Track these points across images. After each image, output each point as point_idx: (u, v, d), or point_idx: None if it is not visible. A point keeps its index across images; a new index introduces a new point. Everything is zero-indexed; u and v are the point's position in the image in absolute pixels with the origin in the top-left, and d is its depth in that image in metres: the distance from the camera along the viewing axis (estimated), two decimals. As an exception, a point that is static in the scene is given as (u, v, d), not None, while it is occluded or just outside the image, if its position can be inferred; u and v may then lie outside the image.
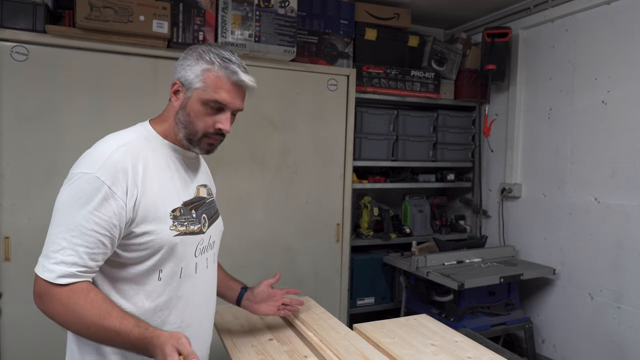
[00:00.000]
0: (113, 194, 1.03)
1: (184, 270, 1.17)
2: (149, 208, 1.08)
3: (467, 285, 2.46)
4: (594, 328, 2.62)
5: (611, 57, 2.55)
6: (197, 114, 1.14)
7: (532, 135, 3.04)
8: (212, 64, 1.13)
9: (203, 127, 1.15)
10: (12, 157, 2.09)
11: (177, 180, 1.19)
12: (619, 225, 2.50)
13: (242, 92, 1.17)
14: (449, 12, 3.27)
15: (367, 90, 2.94)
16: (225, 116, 1.15)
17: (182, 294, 1.17)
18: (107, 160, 1.05)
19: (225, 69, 1.13)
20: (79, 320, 1.00)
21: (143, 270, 1.10)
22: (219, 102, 1.13)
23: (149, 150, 1.14)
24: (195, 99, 1.13)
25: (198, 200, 1.23)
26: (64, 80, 2.16)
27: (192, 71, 1.14)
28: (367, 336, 1.51)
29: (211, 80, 1.13)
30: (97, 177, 1.02)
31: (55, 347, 2.07)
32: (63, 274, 1.00)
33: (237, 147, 2.51)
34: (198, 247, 1.20)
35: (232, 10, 2.38)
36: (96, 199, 1.02)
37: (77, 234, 1.00)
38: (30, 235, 2.11)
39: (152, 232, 1.09)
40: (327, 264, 2.78)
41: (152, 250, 1.10)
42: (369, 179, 3.10)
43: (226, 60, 1.13)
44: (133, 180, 1.07)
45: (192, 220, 1.18)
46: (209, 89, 1.13)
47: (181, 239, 1.14)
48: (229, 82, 1.13)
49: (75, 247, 1.00)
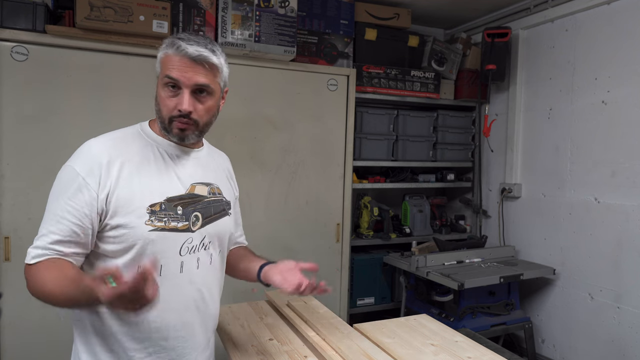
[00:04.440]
0: (87, 184, 1.09)
1: (164, 268, 1.14)
2: (122, 201, 1.10)
3: (467, 285, 2.46)
4: (594, 328, 2.62)
5: (611, 57, 2.55)
6: (161, 99, 1.15)
7: (532, 135, 3.04)
8: (165, 47, 1.14)
9: (166, 110, 1.15)
10: (12, 157, 2.09)
11: (165, 176, 1.18)
12: (619, 225, 2.50)
13: (199, 67, 1.12)
14: (449, 12, 3.27)
15: (367, 90, 2.94)
16: (183, 94, 1.12)
17: (162, 292, 1.08)
18: (86, 153, 1.12)
19: (171, 47, 1.12)
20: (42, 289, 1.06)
21: (123, 264, 1.11)
22: (169, 77, 1.12)
23: (136, 146, 1.17)
24: (158, 85, 1.17)
25: (189, 197, 1.20)
26: (64, 81, 2.16)
27: (157, 59, 1.17)
28: (367, 336, 1.51)
29: (163, 61, 1.15)
30: (73, 168, 1.11)
31: (55, 347, 2.08)
32: (36, 255, 1.09)
33: (237, 147, 2.51)
34: (184, 246, 1.17)
35: (232, 10, 2.38)
36: (71, 189, 1.09)
37: (52, 222, 1.09)
38: (30, 235, 2.06)
39: (125, 226, 1.10)
40: (327, 264, 2.78)
41: (127, 243, 1.11)
42: (369, 179, 3.10)
43: (176, 40, 1.12)
44: (107, 173, 1.10)
45: (175, 217, 1.15)
46: (162, 70, 1.15)
47: (158, 235, 1.12)
48: (176, 58, 1.11)
49: (49, 234, 1.09)
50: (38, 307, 2.08)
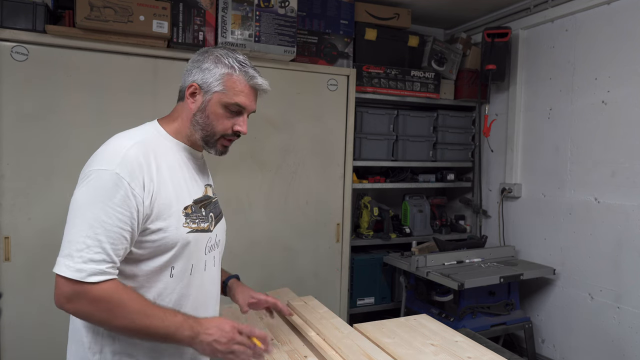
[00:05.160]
0: (132, 189, 1.04)
1: (194, 267, 1.19)
2: (163, 205, 1.11)
3: (467, 285, 2.46)
4: (594, 328, 2.62)
5: (611, 57, 2.55)
6: (216, 116, 1.18)
7: (532, 135, 3.04)
8: (232, 69, 1.18)
9: (222, 129, 1.20)
10: (12, 157, 2.09)
11: (189, 178, 1.22)
12: (619, 225, 2.50)
13: (256, 94, 1.24)
14: (449, 12, 3.27)
15: (367, 90, 2.94)
16: (243, 119, 1.21)
17: (191, 291, 1.18)
18: (124, 157, 1.06)
19: (244, 74, 1.19)
20: (125, 314, 1.01)
21: (156, 266, 1.12)
22: (239, 105, 1.19)
23: (161, 148, 1.17)
24: (215, 101, 1.18)
25: (207, 199, 1.26)
26: (63, 80, 2.16)
27: (211, 74, 1.18)
28: (367, 336, 1.51)
29: (232, 84, 1.18)
30: (116, 173, 1.03)
31: (55, 347, 2.07)
32: (94, 271, 0.99)
33: (237, 147, 2.48)
34: (207, 245, 1.23)
35: (232, 10, 2.38)
36: (118, 195, 1.02)
37: (101, 231, 1.00)
38: (30, 235, 2.10)
39: (166, 229, 1.11)
40: (327, 264, 2.78)
41: (166, 246, 1.11)
42: (369, 179, 3.10)
43: (244, 65, 1.20)
44: (149, 177, 1.09)
45: (203, 218, 1.20)
46: (229, 92, 1.18)
47: (194, 236, 1.16)
48: (247, 86, 1.20)
49: (102, 244, 1.00)
50: (38, 307, 2.09)
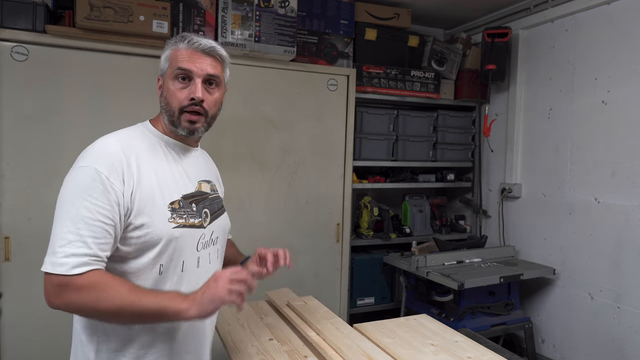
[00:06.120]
0: (111, 183, 1.05)
1: (185, 264, 1.18)
2: (145, 199, 1.10)
3: (467, 285, 2.46)
4: (594, 328, 2.62)
5: (611, 57, 2.55)
6: (171, 92, 1.18)
7: (532, 135, 3.04)
8: (175, 44, 1.19)
9: (177, 102, 1.17)
10: (12, 157, 2.09)
11: (177, 173, 1.21)
12: (619, 225, 2.50)
13: (209, 58, 1.18)
14: (449, 12, 3.27)
15: (367, 90, 2.94)
16: (195, 84, 1.16)
17: (183, 288, 1.17)
18: (104, 153, 1.09)
19: (181, 41, 1.18)
20: (113, 294, 1.00)
21: (144, 263, 1.11)
22: (181, 68, 1.16)
23: (146, 144, 1.18)
24: (167, 80, 1.19)
25: (199, 194, 1.25)
26: (64, 80, 2.16)
27: (162, 59, 1.21)
28: (367, 336, 1.51)
29: (171, 56, 1.19)
30: (95, 168, 1.06)
31: (55, 347, 2.08)
32: (76, 264, 0.99)
33: (237, 147, 2.51)
34: (200, 242, 1.21)
35: (232, 10, 2.38)
36: (97, 190, 1.04)
37: (82, 226, 1.01)
38: (30, 235, 2.11)
39: (149, 224, 1.10)
40: (327, 264, 2.78)
41: (151, 242, 1.11)
42: (369, 179, 3.10)
43: (185, 37, 1.19)
44: (129, 172, 1.09)
45: (192, 214, 1.19)
46: (172, 64, 1.18)
47: (180, 232, 1.15)
48: (187, 51, 1.17)
49: (84, 238, 1.01)
50: (38, 307, 2.09)
